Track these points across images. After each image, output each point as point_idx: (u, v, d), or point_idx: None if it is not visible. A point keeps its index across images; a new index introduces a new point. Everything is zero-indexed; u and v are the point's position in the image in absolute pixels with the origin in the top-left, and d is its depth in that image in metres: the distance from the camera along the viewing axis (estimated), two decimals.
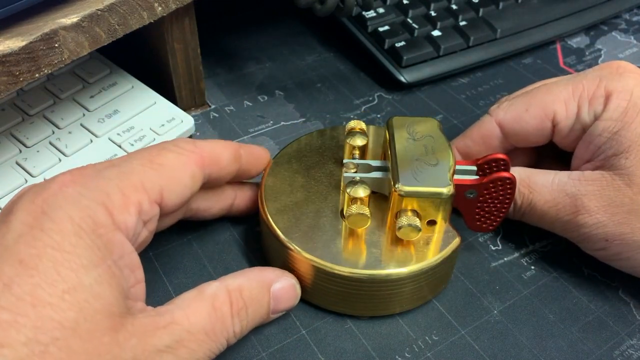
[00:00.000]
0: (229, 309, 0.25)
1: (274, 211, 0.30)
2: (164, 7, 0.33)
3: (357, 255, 0.28)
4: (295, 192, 0.31)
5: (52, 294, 0.20)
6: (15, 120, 0.36)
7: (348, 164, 0.31)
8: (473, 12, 0.48)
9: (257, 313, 0.27)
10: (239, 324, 0.26)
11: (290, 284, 0.29)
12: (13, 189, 0.33)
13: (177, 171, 0.26)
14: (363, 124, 0.32)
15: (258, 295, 0.27)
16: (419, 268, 0.28)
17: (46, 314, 0.20)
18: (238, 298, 0.26)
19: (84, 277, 0.21)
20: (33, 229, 0.22)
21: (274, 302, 0.28)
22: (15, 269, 0.20)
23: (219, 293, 0.25)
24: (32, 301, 0.20)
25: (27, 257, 0.21)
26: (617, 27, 0.51)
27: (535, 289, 0.32)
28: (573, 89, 0.31)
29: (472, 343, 0.29)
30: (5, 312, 0.19)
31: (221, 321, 0.25)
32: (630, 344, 0.30)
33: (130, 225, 0.24)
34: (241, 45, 0.48)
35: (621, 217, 0.29)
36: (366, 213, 0.28)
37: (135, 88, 0.39)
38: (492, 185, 0.29)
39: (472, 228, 0.31)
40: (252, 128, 0.41)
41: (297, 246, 0.29)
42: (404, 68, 0.43)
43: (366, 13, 0.46)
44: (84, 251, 0.22)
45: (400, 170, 0.28)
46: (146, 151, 0.26)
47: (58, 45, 0.29)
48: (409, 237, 0.28)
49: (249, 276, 0.27)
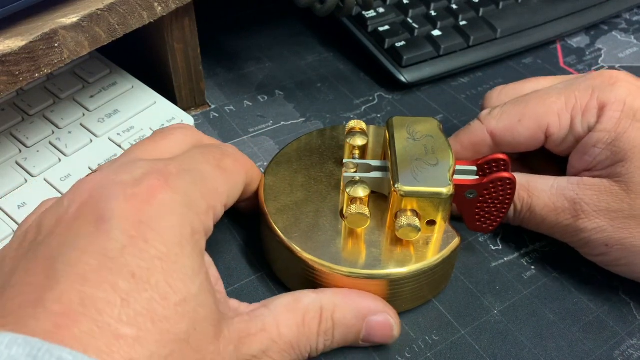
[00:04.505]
0: (317, 326, 0.26)
1: (274, 210, 0.30)
2: (164, 7, 0.33)
3: (356, 255, 0.28)
4: (295, 192, 0.31)
5: (166, 307, 0.21)
6: (15, 120, 0.36)
7: (348, 164, 0.31)
8: (473, 11, 0.48)
9: (344, 337, 0.27)
10: (323, 343, 0.26)
11: (388, 322, 0.28)
12: (13, 188, 0.33)
13: (236, 176, 0.28)
14: (363, 123, 0.32)
15: (350, 321, 0.27)
16: (418, 268, 0.28)
17: (164, 327, 0.20)
18: (328, 319, 0.26)
19: (191, 287, 0.22)
20: (136, 240, 0.21)
21: (366, 332, 0.27)
22: (129, 284, 0.20)
23: (311, 308, 0.26)
24: (151, 316, 0.20)
25: (138, 271, 0.21)
26: (618, 27, 0.51)
27: (536, 289, 0.32)
28: (566, 101, 0.31)
29: (472, 343, 0.29)
30: (128, 327, 0.20)
31: (307, 336, 0.25)
32: (631, 343, 0.30)
33: (210, 229, 0.25)
34: (241, 45, 0.48)
35: (620, 222, 0.29)
36: (365, 213, 0.28)
37: (135, 88, 0.39)
38: (492, 186, 0.29)
39: (471, 228, 0.31)
40: (252, 128, 0.41)
41: (296, 246, 0.29)
42: (404, 68, 0.43)
43: (366, 13, 0.46)
44: (187, 260, 0.22)
45: (400, 170, 0.28)
46: (209, 154, 0.27)
47: (58, 45, 0.29)
48: (408, 237, 0.28)
49: (348, 299, 0.27)
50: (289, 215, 0.30)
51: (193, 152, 0.27)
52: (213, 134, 0.40)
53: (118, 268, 0.20)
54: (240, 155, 0.30)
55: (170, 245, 0.22)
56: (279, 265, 0.31)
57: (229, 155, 0.28)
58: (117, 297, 0.20)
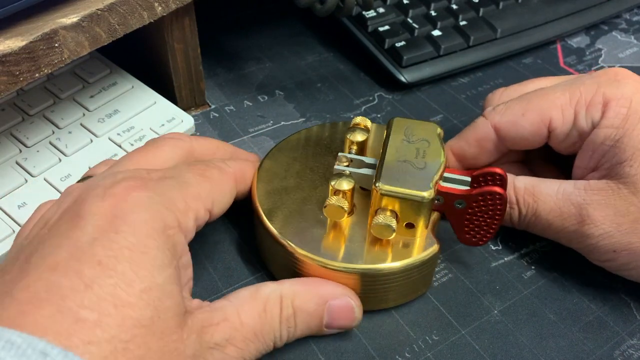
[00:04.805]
0: (279, 314, 0.26)
1: (263, 192, 0.31)
2: (164, 7, 0.33)
3: (332, 246, 0.29)
4: (288, 178, 0.32)
5: (131, 294, 0.21)
6: (15, 120, 0.36)
7: (341, 157, 0.31)
8: (473, 11, 0.48)
9: (306, 323, 0.27)
10: (287, 330, 0.26)
11: (348, 304, 0.28)
12: (13, 188, 0.33)
13: (222, 185, 0.28)
14: (369, 121, 0.32)
15: (310, 306, 0.27)
16: (389, 268, 0.28)
17: (126, 313, 0.21)
18: (288, 306, 0.26)
19: (158, 277, 0.22)
20: (108, 232, 0.22)
21: (328, 317, 0.28)
22: (94, 270, 0.21)
23: (272, 297, 0.26)
24: (114, 301, 0.21)
25: (105, 259, 0.21)
26: (618, 27, 0.51)
27: (536, 289, 0.32)
28: (570, 96, 0.31)
29: (472, 343, 0.29)
30: (89, 311, 0.20)
31: (270, 324, 0.26)
32: (631, 343, 0.30)
33: (189, 229, 0.25)
34: (241, 45, 0.48)
35: (628, 226, 0.28)
36: (344, 206, 0.28)
37: (135, 88, 0.39)
38: (481, 199, 0.28)
39: (462, 241, 0.30)
40: (252, 128, 0.41)
41: (274, 228, 0.29)
42: (404, 68, 0.43)
43: (366, 13, 0.46)
44: (157, 252, 0.23)
45: (385, 169, 0.28)
46: (193, 166, 0.28)
47: (58, 45, 0.29)
48: (382, 235, 0.28)
49: (306, 286, 0.28)
50: (275, 198, 0.31)
51: (179, 165, 0.28)
52: (213, 134, 0.40)
53: (86, 257, 0.21)
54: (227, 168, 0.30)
55: (140, 237, 0.22)
56: (262, 248, 0.32)
57: (214, 167, 0.29)
58: (81, 283, 0.21)
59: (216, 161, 0.30)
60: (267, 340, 0.26)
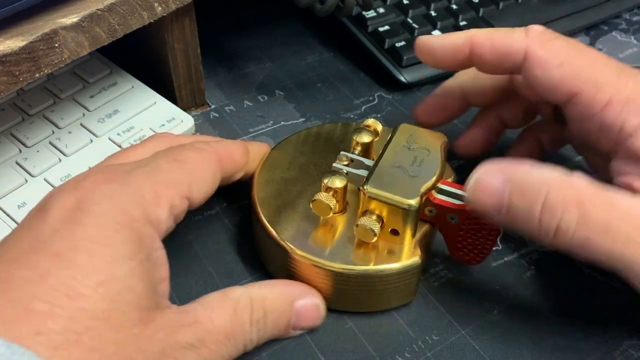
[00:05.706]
0: (249, 315, 0.26)
1: (262, 180, 0.31)
2: (164, 7, 0.33)
3: (315, 242, 0.29)
4: (290, 170, 0.32)
5: (87, 286, 0.21)
6: (15, 120, 0.36)
7: (342, 156, 0.31)
8: (473, 12, 0.48)
9: (275, 325, 0.27)
10: (257, 332, 0.26)
11: (314, 304, 0.28)
12: (13, 188, 0.33)
13: (202, 168, 0.27)
14: (380, 125, 0.32)
15: (279, 307, 0.27)
16: (363, 270, 0.28)
17: (80, 304, 0.21)
18: (259, 307, 0.26)
19: (118, 270, 0.22)
20: (69, 224, 0.22)
21: (295, 318, 0.28)
22: (51, 261, 0.21)
23: (242, 299, 0.26)
24: (67, 292, 0.20)
25: (63, 250, 0.21)
26: (618, 27, 0.51)
27: (535, 289, 0.32)
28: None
29: (472, 343, 0.29)
30: (41, 302, 0.20)
31: (241, 326, 0.25)
32: (631, 343, 0.30)
33: (163, 219, 0.24)
34: (241, 45, 0.48)
35: None
36: (330, 203, 0.28)
37: (135, 88, 0.39)
38: (473, 216, 0.27)
39: (454, 257, 0.30)
40: (252, 128, 0.41)
41: (264, 216, 0.29)
42: (404, 68, 0.43)
43: (366, 13, 0.46)
44: (119, 244, 0.22)
45: (376, 172, 0.28)
46: (168, 151, 0.27)
47: (58, 45, 0.29)
48: (364, 238, 0.28)
49: (274, 288, 0.28)
50: (272, 187, 0.31)
51: (156, 153, 0.27)
52: (213, 134, 0.40)
53: (45, 248, 0.21)
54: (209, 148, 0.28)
55: (102, 229, 0.22)
56: (255, 237, 0.32)
57: (190, 149, 0.27)
58: (36, 275, 0.21)
59: (197, 143, 0.29)
60: (238, 343, 0.25)
